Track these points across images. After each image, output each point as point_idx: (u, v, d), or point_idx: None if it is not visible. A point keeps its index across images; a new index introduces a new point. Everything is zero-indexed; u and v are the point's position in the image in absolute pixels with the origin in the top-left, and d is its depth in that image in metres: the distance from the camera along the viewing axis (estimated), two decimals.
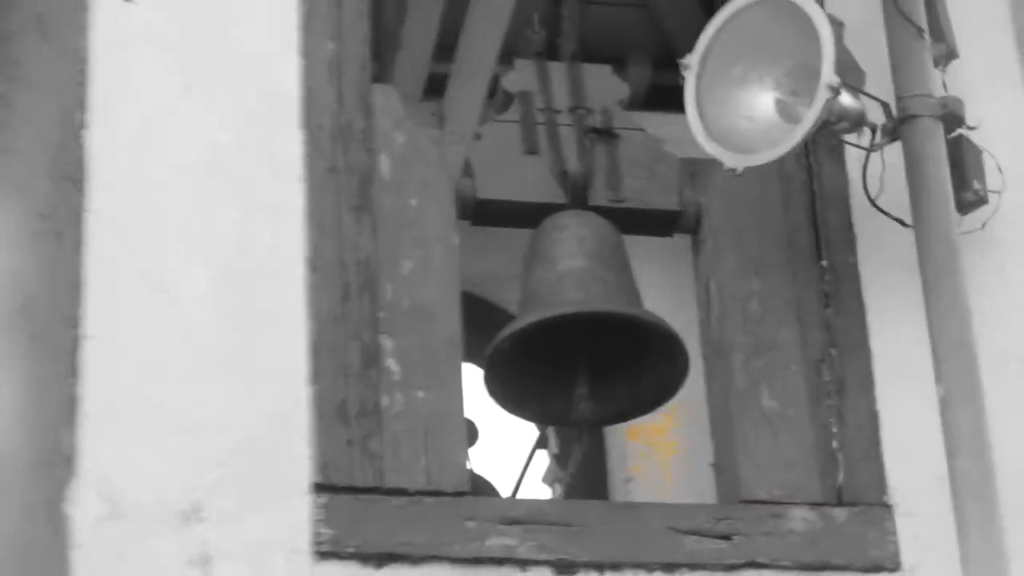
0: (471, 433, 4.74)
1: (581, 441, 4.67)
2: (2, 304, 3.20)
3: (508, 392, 3.80)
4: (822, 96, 3.15)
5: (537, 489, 5.07)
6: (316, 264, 3.34)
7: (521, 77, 3.89)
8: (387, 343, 3.36)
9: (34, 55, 3.45)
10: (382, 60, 5.02)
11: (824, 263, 3.60)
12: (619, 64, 4.61)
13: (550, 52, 3.97)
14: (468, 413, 4.07)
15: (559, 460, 4.93)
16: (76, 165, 3.33)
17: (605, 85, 3.92)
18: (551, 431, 4.86)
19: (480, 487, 4.72)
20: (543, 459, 5.08)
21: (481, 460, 5.10)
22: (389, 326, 3.38)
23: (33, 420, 3.11)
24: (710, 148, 3.33)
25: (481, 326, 3.93)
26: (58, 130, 3.34)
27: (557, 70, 3.87)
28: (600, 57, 4.41)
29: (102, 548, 3.02)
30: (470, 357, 3.96)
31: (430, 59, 4.78)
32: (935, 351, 3.24)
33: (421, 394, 3.34)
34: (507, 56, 4.43)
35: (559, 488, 5.01)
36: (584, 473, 4.86)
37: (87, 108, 3.42)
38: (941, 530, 3.18)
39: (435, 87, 4.82)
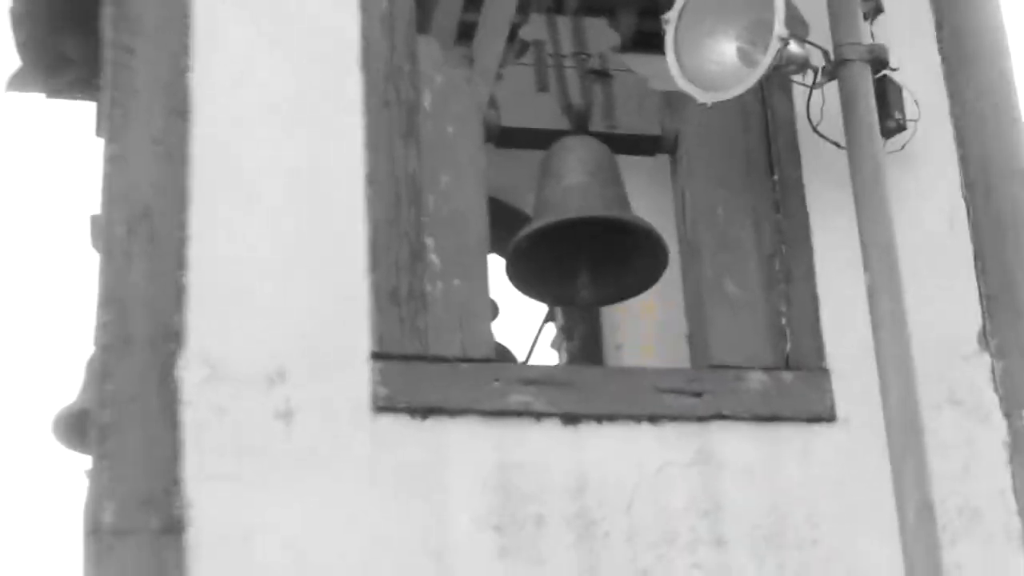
0: (493, 310, 4.81)
1: (582, 316, 4.78)
2: (127, 211, 3.28)
3: (525, 278, 3.90)
4: (774, 45, 3.16)
5: (546, 355, 5.14)
6: (373, 179, 3.37)
7: (534, 28, 3.92)
8: (429, 242, 3.40)
9: (149, 12, 3.48)
10: (424, 12, 5.03)
11: (775, 177, 3.62)
12: (612, 15, 4.63)
13: (557, 7, 4.00)
14: (492, 294, 4.18)
15: (564, 331, 5.04)
16: (183, 100, 3.38)
17: (601, 34, 3.95)
18: (558, 309, 4.95)
19: (500, 353, 4.78)
20: (551, 330, 5.16)
21: (501, 331, 5.14)
22: (431, 228, 3.42)
23: (151, 303, 3.19)
24: (685, 86, 3.35)
25: (505, 226, 3.94)
26: (168, 72, 3.40)
27: (563, 22, 3.91)
28: (597, 10, 4.43)
29: (205, 404, 3.11)
30: (496, 250, 4.01)
31: (461, 11, 4.79)
32: (864, 248, 3.27)
33: (456, 282, 3.39)
34: (523, 10, 4.44)
35: (564, 354, 5.11)
36: (583, 341, 4.92)
37: (191, 55, 3.45)
38: (867, 388, 3.22)
39: (466, 34, 4.83)
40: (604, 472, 3.22)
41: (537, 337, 5.08)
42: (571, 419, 3.24)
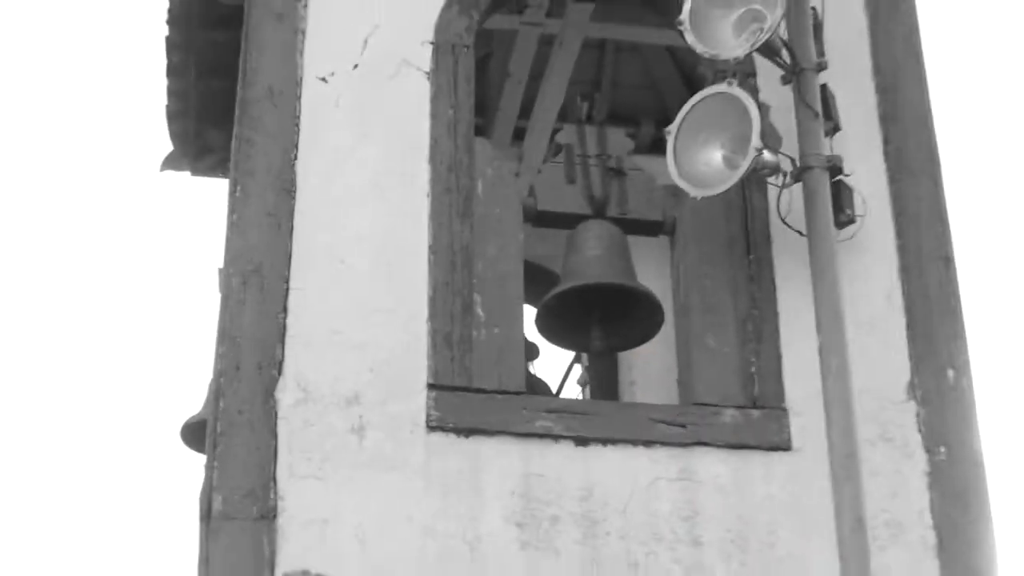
0: (533, 351, 4.77)
1: (602, 360, 4.73)
2: (243, 266, 3.31)
3: (552, 329, 3.92)
4: (751, 154, 3.13)
5: (574, 389, 5.16)
6: (435, 249, 3.37)
7: (567, 134, 3.93)
8: (477, 298, 3.39)
9: (268, 114, 3.50)
10: (486, 118, 5.04)
11: (751, 257, 3.57)
12: (628, 125, 4.62)
13: (587, 118, 3.98)
14: (532, 338, 4.29)
15: (588, 371, 4.97)
16: (290, 182, 3.40)
17: (619, 140, 3.92)
18: (584, 353, 4.83)
19: (538, 386, 4.75)
20: (578, 370, 5.17)
21: (541, 369, 5.14)
22: (479, 287, 3.40)
23: (258, 339, 3.20)
24: (681, 184, 3.33)
25: (540, 285, 3.96)
26: (279, 160, 3.41)
27: (590, 131, 3.90)
28: (616, 121, 4.43)
29: (296, 420, 3.14)
30: (532, 303, 4.01)
31: (516, 119, 4.79)
32: (817, 315, 3.23)
33: (496, 330, 3.38)
34: (561, 118, 4.44)
35: (587, 389, 5.07)
36: (603, 379, 4.89)
37: (298, 147, 3.48)
38: (816, 425, 3.19)
39: (519, 136, 4.84)
40: (606, 483, 3.19)
41: (566, 375, 5.06)
42: (582, 441, 3.23)
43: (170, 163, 5.31)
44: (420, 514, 3.13)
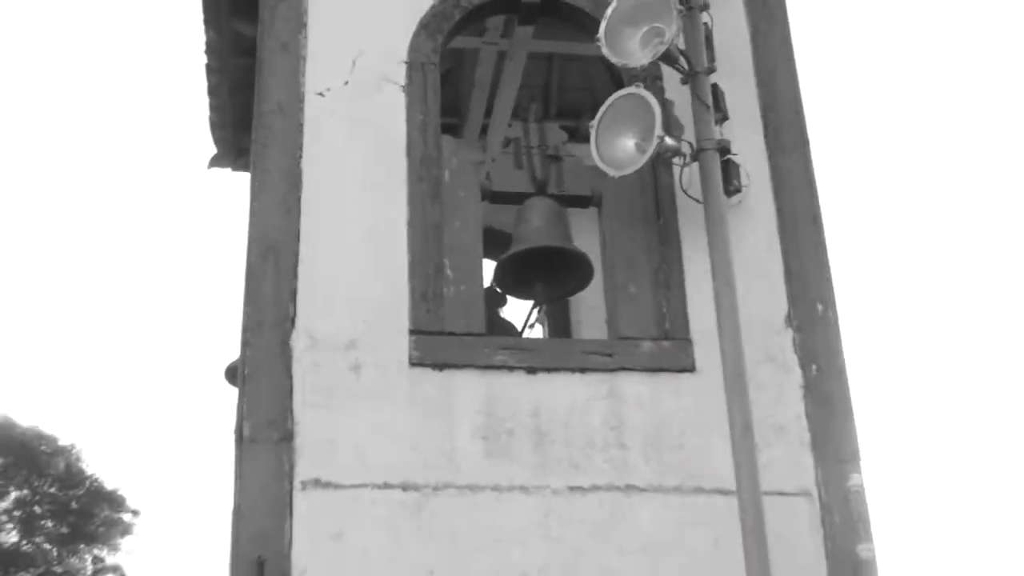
0: (501, 300, 4.62)
1: (557, 305, 4.66)
2: (261, 245, 3.24)
3: (507, 283, 3.82)
4: (655, 140, 3.05)
5: (537, 330, 4.99)
6: (412, 225, 3.29)
7: (516, 129, 3.78)
8: (447, 261, 3.28)
9: (276, 123, 3.40)
10: (459, 118, 4.93)
11: (660, 222, 3.46)
12: (576, 119, 4.52)
13: (528, 117, 3.80)
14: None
15: (546, 314, 4.90)
16: (297, 177, 3.31)
17: (557, 133, 3.73)
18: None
19: (505, 327, 4.64)
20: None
21: (509, 313, 4.98)
22: (448, 254, 3.30)
23: (275, 301, 3.15)
24: (602, 167, 3.23)
25: (499, 247, 3.77)
26: (288, 160, 3.33)
27: (533, 127, 3.73)
28: (552, 118, 4.34)
29: (307, 362, 3.07)
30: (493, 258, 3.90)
31: (482, 119, 4.69)
32: (713, 267, 3.14)
33: (462, 287, 3.26)
34: (512, 118, 4.36)
35: (546, 328, 4.98)
36: (558, 320, 4.83)
37: (303, 149, 3.38)
38: (714, 351, 3.12)
39: (484, 132, 4.76)
40: (552, 404, 3.15)
41: (528, 318, 4.98)
42: (531, 371, 3.18)
43: (215, 162, 5.30)
44: (406, 432, 3.10)
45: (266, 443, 2.99)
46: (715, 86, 3.35)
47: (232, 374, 4.15)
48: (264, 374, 3.07)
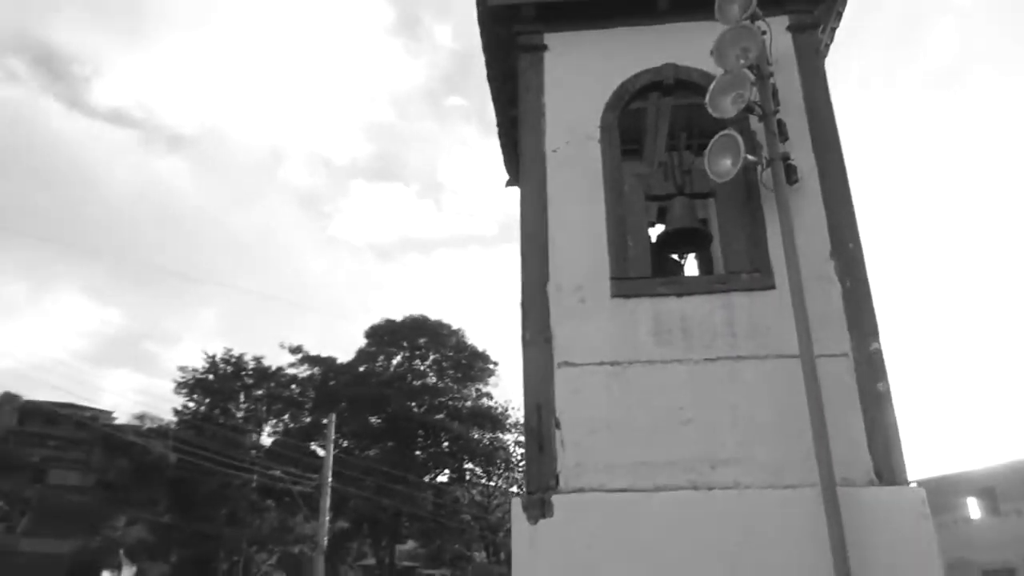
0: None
1: (702, 254, 6.17)
2: (529, 237, 4.91)
3: (666, 245, 5.37)
4: (741, 159, 4.41)
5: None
6: (608, 218, 4.88)
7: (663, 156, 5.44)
8: (629, 239, 4.86)
9: (533, 168, 5.09)
10: (636, 144, 6.43)
11: (750, 204, 4.81)
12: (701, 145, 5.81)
13: (677, 145, 5.36)
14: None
15: (698, 260, 6.36)
16: (545, 196, 4.98)
17: (688, 157, 5.23)
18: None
19: (675, 267, 6.23)
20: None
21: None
22: (629, 232, 4.86)
23: (540, 269, 4.88)
24: (712, 176, 4.57)
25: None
26: (538, 185, 5.01)
27: (675, 154, 5.29)
28: (692, 144, 5.66)
29: (556, 298, 4.69)
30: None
31: (655, 147, 6.08)
32: (782, 227, 4.52)
33: (638, 250, 4.81)
34: (668, 145, 5.73)
35: (697, 267, 6.48)
36: (704, 262, 6.29)
37: (547, 182, 5.02)
38: (785, 277, 4.53)
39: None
40: (691, 312, 4.61)
41: (683, 262, 5.92)
42: (679, 295, 4.66)
43: (508, 184, 7.04)
44: (610, 333, 4.56)
45: (538, 343, 4.64)
46: (780, 120, 4.77)
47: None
48: (535, 306, 4.74)
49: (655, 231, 5.68)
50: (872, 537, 4.02)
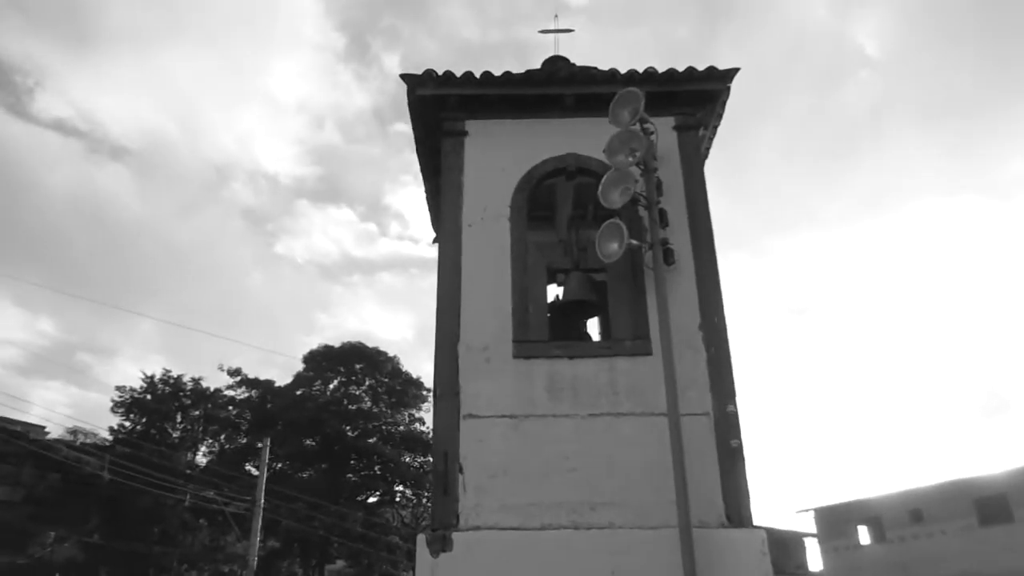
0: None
1: (602, 321, 6.73)
2: (444, 297, 5.51)
3: (560, 313, 5.85)
4: (625, 243, 4.90)
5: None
6: (513, 287, 5.31)
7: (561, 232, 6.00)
8: (529, 304, 5.37)
9: (450, 239, 5.48)
10: (549, 211, 6.99)
11: (635, 279, 5.36)
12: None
13: (575, 226, 5.88)
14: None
15: (601, 323, 6.95)
16: (459, 267, 5.36)
17: (586, 236, 5.62)
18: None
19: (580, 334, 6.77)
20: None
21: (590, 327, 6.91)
22: (530, 301, 5.33)
23: (451, 326, 5.42)
24: (601, 256, 5.07)
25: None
26: (455, 255, 5.40)
27: (574, 233, 5.82)
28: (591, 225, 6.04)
29: (465, 356, 5.12)
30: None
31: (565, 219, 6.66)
32: (658, 300, 5.02)
33: (538, 316, 5.34)
34: (571, 222, 6.27)
35: (599, 330, 7.02)
36: (604, 328, 6.86)
37: (463, 250, 5.43)
38: (659, 345, 5.16)
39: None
40: (581, 373, 5.04)
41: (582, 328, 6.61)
42: (572, 357, 5.11)
43: (434, 241, 7.02)
44: (511, 390, 4.98)
45: (447, 397, 5.03)
46: (662, 209, 5.31)
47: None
48: (446, 363, 5.13)
49: (558, 293, 6.13)
50: (721, 570, 4.52)
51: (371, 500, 32.56)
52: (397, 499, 32.15)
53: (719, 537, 4.66)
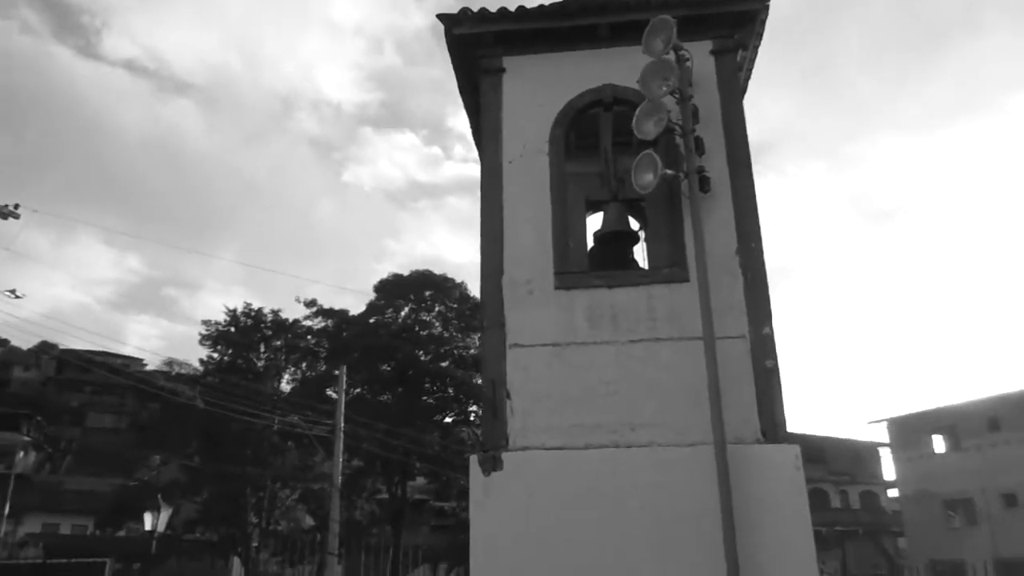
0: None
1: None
2: (487, 233, 5.70)
3: (601, 242, 5.98)
4: (660, 174, 4.98)
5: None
6: (553, 220, 5.46)
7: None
8: (569, 238, 5.50)
9: (492, 177, 5.61)
10: (573, 155, 7.07)
11: (671, 209, 5.42)
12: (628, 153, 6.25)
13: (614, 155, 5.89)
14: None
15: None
16: (500, 204, 5.51)
17: (624, 164, 5.63)
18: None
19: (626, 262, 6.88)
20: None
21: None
22: (570, 233, 5.47)
23: (495, 260, 5.62)
24: (637, 188, 5.13)
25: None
26: (497, 192, 5.68)
27: (612, 163, 5.83)
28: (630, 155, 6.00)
29: (509, 289, 5.32)
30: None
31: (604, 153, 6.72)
32: (695, 227, 5.12)
33: (577, 248, 5.49)
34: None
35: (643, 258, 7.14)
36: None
37: (503, 187, 5.54)
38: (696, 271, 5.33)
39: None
40: (619, 301, 5.19)
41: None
42: (610, 286, 5.26)
43: None
44: (552, 319, 5.16)
45: (493, 328, 5.26)
46: (697, 137, 5.30)
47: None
48: (491, 296, 5.33)
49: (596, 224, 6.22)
50: (756, 483, 4.73)
51: (447, 420, 33.60)
52: (471, 418, 33.08)
53: (754, 452, 4.83)
